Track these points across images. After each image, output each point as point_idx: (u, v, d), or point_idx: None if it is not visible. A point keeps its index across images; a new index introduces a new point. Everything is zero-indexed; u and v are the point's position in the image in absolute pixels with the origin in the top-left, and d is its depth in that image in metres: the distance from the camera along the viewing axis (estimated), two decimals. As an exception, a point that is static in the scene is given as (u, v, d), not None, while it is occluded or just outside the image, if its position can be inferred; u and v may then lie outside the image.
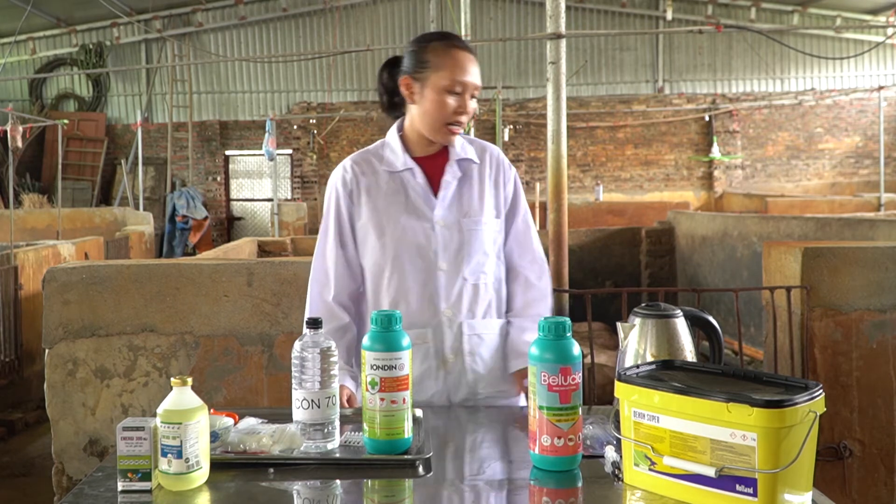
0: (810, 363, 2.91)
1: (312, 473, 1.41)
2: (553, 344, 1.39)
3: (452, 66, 1.84)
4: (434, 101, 1.86)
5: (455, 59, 1.85)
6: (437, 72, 1.85)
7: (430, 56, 1.87)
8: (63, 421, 2.76)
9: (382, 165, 1.96)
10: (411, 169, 1.93)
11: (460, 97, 1.85)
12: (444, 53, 1.86)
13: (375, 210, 1.91)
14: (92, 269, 2.75)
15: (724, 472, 1.19)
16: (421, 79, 1.87)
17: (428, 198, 1.91)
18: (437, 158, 1.95)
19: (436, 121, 1.88)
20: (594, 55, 14.64)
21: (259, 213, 14.52)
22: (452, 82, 1.84)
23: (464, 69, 1.85)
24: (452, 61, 1.85)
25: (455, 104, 1.85)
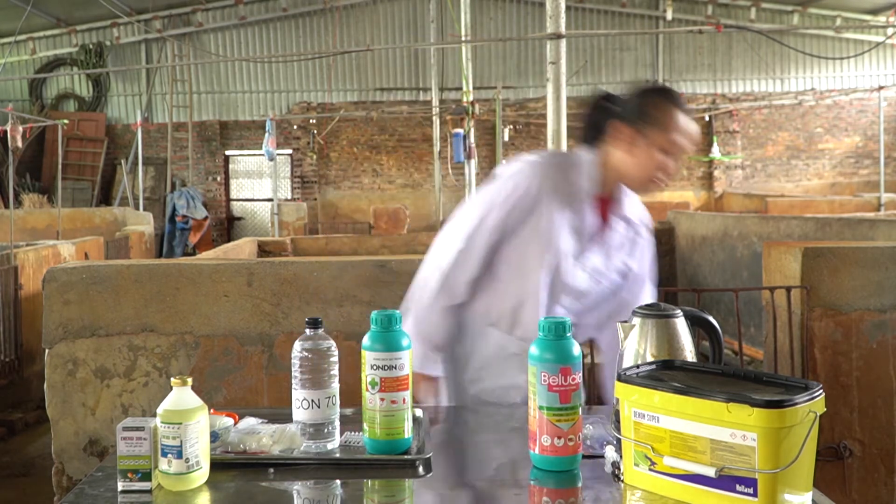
0: (810, 363, 2.91)
1: (312, 473, 1.41)
2: (553, 344, 1.39)
3: (674, 128, 1.84)
4: (647, 156, 1.85)
5: (677, 121, 1.84)
6: (656, 129, 1.84)
7: (653, 111, 1.85)
8: (63, 421, 2.75)
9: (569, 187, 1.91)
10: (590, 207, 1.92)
11: (671, 157, 1.86)
12: (667, 112, 1.84)
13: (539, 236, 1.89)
14: (92, 269, 2.75)
15: (724, 472, 1.19)
16: (637, 129, 1.86)
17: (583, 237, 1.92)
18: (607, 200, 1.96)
19: (642, 175, 1.87)
20: (594, 55, 14.64)
21: (259, 213, 14.52)
22: (670, 143, 1.84)
23: (684, 133, 1.85)
24: (675, 123, 1.84)
25: (664, 162, 1.86)
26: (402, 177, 14.47)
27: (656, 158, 1.85)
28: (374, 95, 14.43)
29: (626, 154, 1.88)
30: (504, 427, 1.76)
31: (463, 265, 1.91)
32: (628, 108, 1.89)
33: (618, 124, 1.89)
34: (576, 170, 1.93)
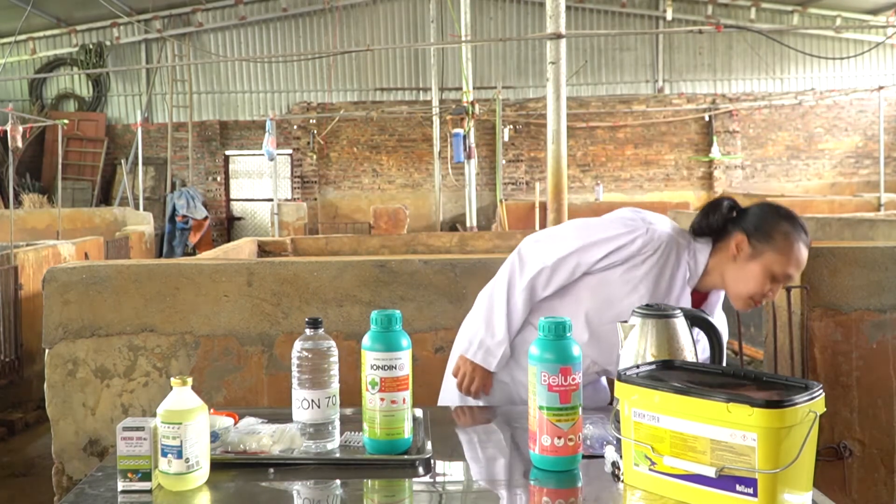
0: (810, 363, 2.91)
1: (312, 473, 1.41)
2: (553, 344, 1.39)
3: (792, 260, 1.84)
4: (756, 277, 1.85)
5: (798, 255, 1.84)
6: (776, 254, 1.83)
7: (779, 236, 1.84)
8: (63, 421, 2.75)
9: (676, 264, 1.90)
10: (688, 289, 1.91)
11: (775, 286, 1.86)
12: (791, 243, 1.83)
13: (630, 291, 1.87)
14: (92, 269, 2.75)
15: (724, 472, 1.19)
16: (757, 248, 1.85)
17: None
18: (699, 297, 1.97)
19: (747, 292, 1.86)
20: (594, 55, 14.64)
21: (259, 213, 14.52)
22: (783, 273, 1.84)
23: (798, 267, 1.85)
24: (795, 255, 1.84)
25: (769, 288, 1.85)
26: (402, 177, 14.47)
27: (765, 282, 1.85)
28: (374, 95, 14.43)
29: (738, 268, 1.87)
30: (504, 427, 1.76)
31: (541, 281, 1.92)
32: (755, 223, 1.88)
33: (741, 237, 1.87)
34: (687, 252, 1.91)
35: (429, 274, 2.72)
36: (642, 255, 1.86)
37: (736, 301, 1.90)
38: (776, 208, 1.90)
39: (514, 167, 14.32)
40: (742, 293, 1.87)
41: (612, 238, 1.88)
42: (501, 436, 1.71)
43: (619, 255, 1.87)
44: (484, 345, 1.94)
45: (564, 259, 1.89)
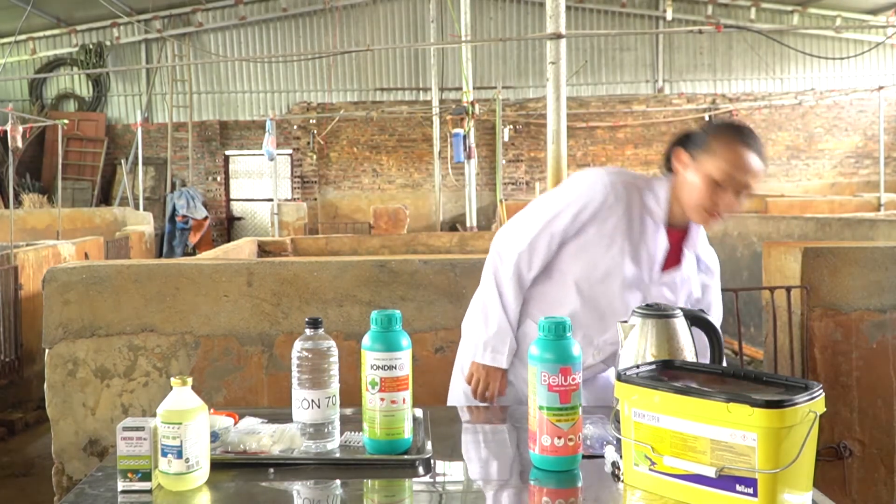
0: (810, 363, 2.91)
1: (312, 473, 1.41)
2: (553, 344, 1.39)
3: (727, 159, 1.80)
4: (698, 185, 1.83)
5: (734, 153, 1.80)
6: (713, 159, 1.82)
7: (715, 142, 1.84)
8: (63, 421, 2.75)
9: (640, 208, 1.90)
10: (661, 229, 1.90)
11: (723, 191, 1.82)
12: (726, 144, 1.82)
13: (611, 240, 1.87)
14: (92, 269, 2.75)
15: (724, 472, 1.19)
16: (696, 156, 1.85)
17: (654, 265, 1.90)
18: (678, 232, 1.94)
19: (695, 203, 1.85)
20: (594, 55, 14.64)
21: (259, 213, 14.51)
22: (720, 173, 1.80)
23: (736, 165, 1.80)
24: (730, 155, 1.80)
25: (718, 194, 1.82)
26: (402, 177, 14.47)
27: (709, 188, 1.81)
28: (374, 95, 14.43)
29: (684, 182, 1.87)
30: (504, 427, 1.76)
31: (524, 265, 1.93)
32: (692, 139, 1.88)
33: (679, 151, 1.88)
34: (645, 191, 1.91)
35: (429, 274, 2.73)
36: (606, 207, 1.87)
37: (692, 215, 1.87)
38: (718, 121, 1.91)
39: (514, 167, 14.32)
40: (692, 204, 1.85)
41: (574, 201, 1.89)
42: (501, 436, 1.71)
43: (585, 214, 1.88)
44: (488, 344, 1.93)
45: (537, 237, 1.91)
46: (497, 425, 1.78)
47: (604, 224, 1.88)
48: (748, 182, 1.81)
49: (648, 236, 1.89)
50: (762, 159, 1.83)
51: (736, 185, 1.81)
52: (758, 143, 1.84)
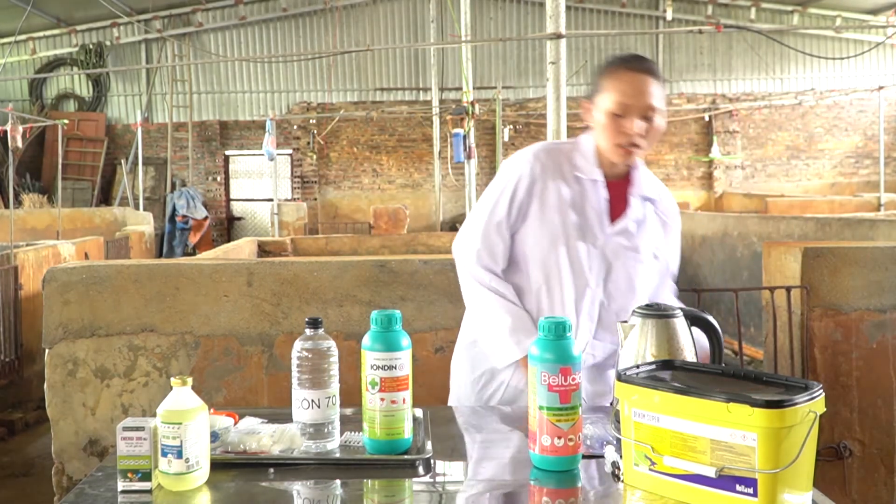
0: (810, 363, 2.91)
1: (312, 473, 1.41)
2: (553, 344, 1.39)
3: (615, 89, 1.83)
4: (601, 124, 1.86)
5: (621, 80, 1.83)
6: (603, 94, 1.85)
7: (603, 79, 1.87)
8: (63, 421, 2.75)
9: (571, 169, 1.91)
10: (598, 182, 1.90)
11: (626, 119, 1.82)
12: (613, 76, 1.85)
13: (548, 210, 1.89)
14: (92, 269, 2.75)
15: (724, 472, 1.19)
16: (594, 100, 1.89)
17: (602, 219, 1.90)
18: (621, 182, 1.94)
19: (607, 142, 1.86)
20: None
21: (259, 213, 14.51)
22: (614, 104, 1.82)
23: (626, 92, 1.82)
24: (618, 83, 1.83)
25: (620, 125, 1.83)
26: (402, 177, 14.47)
27: (611, 122, 1.84)
28: (374, 95, 14.43)
29: (594, 127, 1.90)
30: (504, 427, 1.76)
31: (485, 261, 1.92)
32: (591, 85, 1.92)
33: (582, 102, 1.94)
34: (573, 152, 1.93)
35: (429, 274, 2.73)
36: (537, 179, 1.89)
37: (611, 155, 1.88)
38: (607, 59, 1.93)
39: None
40: (606, 145, 1.87)
41: (505, 186, 1.91)
42: (501, 436, 1.71)
43: (520, 193, 1.89)
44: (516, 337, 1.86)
45: (485, 232, 1.92)
46: (497, 425, 1.78)
47: (543, 197, 1.89)
48: (645, 103, 1.83)
49: (588, 193, 1.90)
50: (653, 76, 1.84)
51: (634, 110, 1.82)
52: (644, 63, 1.86)
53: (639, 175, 1.94)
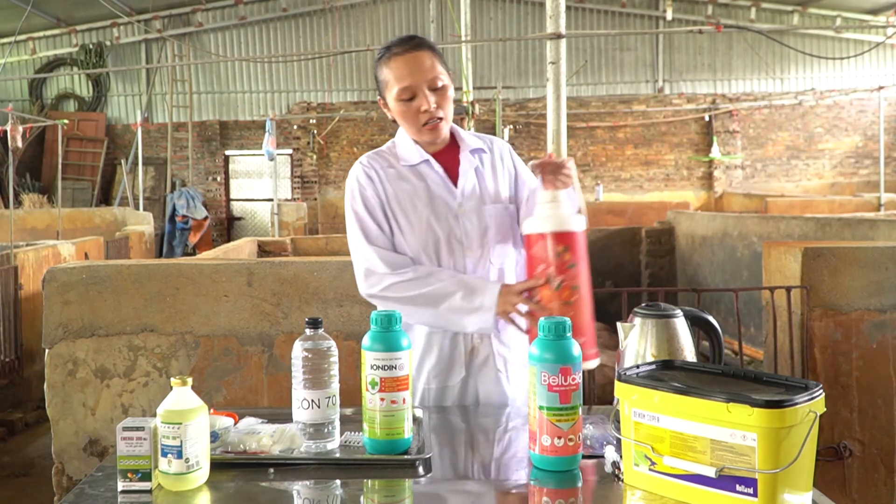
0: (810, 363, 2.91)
1: (312, 473, 1.41)
2: (553, 344, 1.39)
3: (393, 77, 1.88)
4: (398, 112, 1.91)
5: (395, 66, 1.88)
6: (387, 89, 1.90)
7: (381, 75, 1.92)
8: (63, 421, 2.75)
9: (399, 162, 1.96)
10: (427, 160, 1.94)
11: (417, 98, 1.87)
12: (385, 68, 1.90)
13: (401, 205, 1.92)
14: (92, 269, 2.75)
15: (724, 472, 1.19)
16: (383, 94, 1.94)
17: (448, 187, 1.93)
18: (449, 152, 1.98)
19: (411, 127, 1.91)
20: (594, 55, 14.64)
21: (259, 213, 14.51)
22: (399, 91, 1.87)
23: (403, 75, 1.86)
24: (393, 71, 1.88)
25: (414, 107, 1.87)
26: (402, 177, 14.45)
27: (404, 106, 1.88)
28: (374, 95, 14.40)
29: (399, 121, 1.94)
30: (504, 427, 1.76)
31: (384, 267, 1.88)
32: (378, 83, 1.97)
33: (379, 102, 1.98)
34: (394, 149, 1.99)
35: (429, 274, 2.72)
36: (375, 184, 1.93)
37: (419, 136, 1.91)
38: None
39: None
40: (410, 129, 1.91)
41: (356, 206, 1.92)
42: (501, 436, 1.71)
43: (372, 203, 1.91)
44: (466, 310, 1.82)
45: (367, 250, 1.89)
46: (497, 425, 1.78)
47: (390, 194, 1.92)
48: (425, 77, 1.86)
49: (425, 173, 1.94)
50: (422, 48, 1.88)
51: (419, 88, 1.86)
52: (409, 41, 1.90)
53: (460, 136, 1.99)
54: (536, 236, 1.75)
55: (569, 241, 1.73)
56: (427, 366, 1.93)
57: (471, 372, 1.92)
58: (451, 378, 1.92)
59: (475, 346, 1.92)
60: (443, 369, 1.92)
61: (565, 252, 1.72)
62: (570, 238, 1.74)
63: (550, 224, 1.74)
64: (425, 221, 1.91)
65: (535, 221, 1.77)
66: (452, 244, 1.91)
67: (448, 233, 1.91)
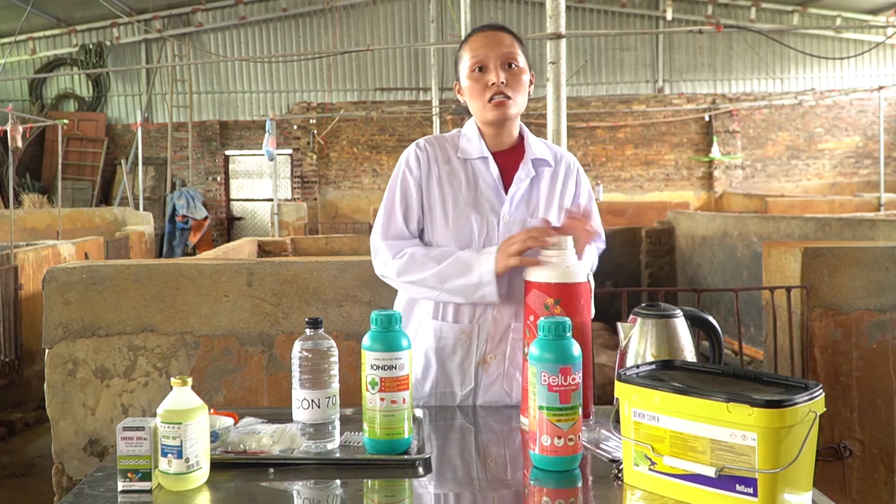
0: (810, 363, 2.91)
1: (312, 473, 1.41)
2: (553, 344, 1.39)
3: (470, 49, 1.90)
4: (468, 88, 1.91)
5: (471, 43, 1.91)
6: (461, 64, 1.93)
7: (461, 53, 1.94)
8: (63, 421, 2.75)
9: (457, 153, 1.94)
10: (486, 158, 1.92)
11: (487, 72, 1.87)
12: (464, 46, 1.92)
13: (444, 199, 1.90)
14: (92, 269, 2.75)
15: (724, 472, 1.19)
16: (459, 76, 1.94)
17: (498, 191, 1.90)
18: (511, 154, 1.95)
19: (477, 103, 1.90)
20: (594, 55, 14.64)
21: (259, 213, 14.52)
22: (472, 62, 1.88)
23: (479, 47, 1.88)
24: (472, 44, 1.90)
25: (483, 80, 1.87)
26: (402, 177, 14.45)
27: (474, 82, 1.88)
28: (374, 95, 14.43)
29: (468, 102, 1.93)
30: (504, 427, 1.76)
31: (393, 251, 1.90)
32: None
33: (455, 87, 1.99)
34: (457, 138, 1.97)
35: (429, 274, 2.72)
36: (423, 168, 1.92)
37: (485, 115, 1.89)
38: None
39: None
40: (476, 107, 1.90)
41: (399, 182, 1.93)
42: (501, 435, 1.71)
43: (412, 185, 1.91)
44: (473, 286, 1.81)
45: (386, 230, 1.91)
46: (497, 425, 1.78)
47: (437, 183, 1.91)
48: (500, 51, 1.88)
49: (479, 171, 1.92)
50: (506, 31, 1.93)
51: (491, 60, 1.87)
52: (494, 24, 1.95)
53: (528, 142, 1.96)
54: (530, 284, 1.65)
55: (562, 294, 1.61)
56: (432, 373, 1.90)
57: (478, 383, 1.89)
58: (458, 387, 1.89)
59: (488, 363, 1.88)
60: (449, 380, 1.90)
61: (555, 305, 1.60)
62: (565, 291, 1.61)
63: (545, 273, 1.63)
64: (463, 219, 1.87)
65: (532, 268, 1.67)
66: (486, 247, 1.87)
67: (486, 236, 1.88)
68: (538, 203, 1.91)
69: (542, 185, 1.93)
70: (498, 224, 1.88)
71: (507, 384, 1.89)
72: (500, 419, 1.81)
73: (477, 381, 1.89)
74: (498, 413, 1.85)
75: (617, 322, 1.64)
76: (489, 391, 1.89)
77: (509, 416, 1.81)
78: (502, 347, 1.88)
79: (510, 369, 1.88)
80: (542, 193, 1.93)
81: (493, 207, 1.89)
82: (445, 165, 1.92)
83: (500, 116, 1.88)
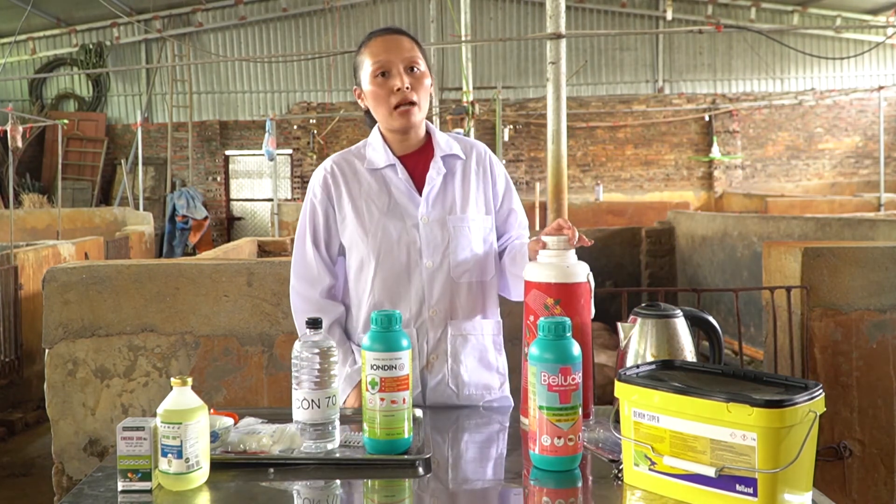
0: (810, 363, 2.91)
1: (312, 473, 1.41)
2: (553, 344, 1.39)
3: (370, 54, 1.86)
4: (371, 93, 1.87)
5: (370, 48, 1.87)
6: (362, 69, 1.89)
7: (358, 61, 1.91)
8: (63, 421, 2.75)
9: (364, 164, 1.92)
10: (393, 165, 1.90)
11: (390, 78, 1.84)
12: (364, 50, 1.89)
13: (357, 211, 1.89)
14: (92, 269, 2.75)
15: (724, 472, 1.19)
16: (359, 83, 1.91)
17: (412, 195, 1.88)
18: (420, 155, 1.93)
19: (382, 110, 1.87)
20: (594, 55, 14.64)
21: (259, 213, 14.52)
22: (374, 67, 1.85)
23: (378, 51, 1.85)
24: (368, 51, 1.87)
25: (388, 86, 1.84)
26: (402, 177, 14.45)
27: (378, 88, 1.85)
28: (374, 95, 14.41)
29: (372, 108, 1.91)
30: (504, 427, 1.76)
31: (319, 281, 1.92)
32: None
33: (355, 92, 1.96)
34: (363, 149, 1.95)
35: (429, 274, 2.72)
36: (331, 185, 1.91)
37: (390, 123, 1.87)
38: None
39: (514, 167, 14.32)
40: (381, 114, 1.88)
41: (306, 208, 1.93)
42: (501, 435, 1.71)
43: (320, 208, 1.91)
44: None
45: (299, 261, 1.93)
46: (497, 425, 1.78)
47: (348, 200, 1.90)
48: (402, 55, 1.85)
49: (390, 178, 1.90)
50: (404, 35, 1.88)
51: (393, 64, 1.84)
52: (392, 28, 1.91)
53: (436, 140, 1.94)
54: (530, 284, 1.64)
55: (562, 294, 1.59)
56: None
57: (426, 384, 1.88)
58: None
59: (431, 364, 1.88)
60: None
61: (555, 305, 1.59)
62: (565, 291, 1.60)
63: (545, 273, 1.61)
64: (382, 229, 1.86)
65: (532, 268, 1.66)
66: (411, 253, 1.86)
67: (408, 242, 1.86)
68: (455, 198, 1.90)
69: (456, 180, 1.92)
70: (418, 227, 1.87)
71: (453, 382, 1.88)
72: (501, 418, 1.81)
73: (424, 382, 1.87)
74: (498, 412, 1.85)
75: (617, 322, 1.64)
76: (436, 392, 1.88)
77: (510, 416, 1.81)
78: (443, 346, 1.87)
79: (454, 366, 1.87)
80: (457, 188, 1.91)
81: (408, 212, 1.87)
82: (354, 180, 1.91)
83: (406, 125, 1.87)
